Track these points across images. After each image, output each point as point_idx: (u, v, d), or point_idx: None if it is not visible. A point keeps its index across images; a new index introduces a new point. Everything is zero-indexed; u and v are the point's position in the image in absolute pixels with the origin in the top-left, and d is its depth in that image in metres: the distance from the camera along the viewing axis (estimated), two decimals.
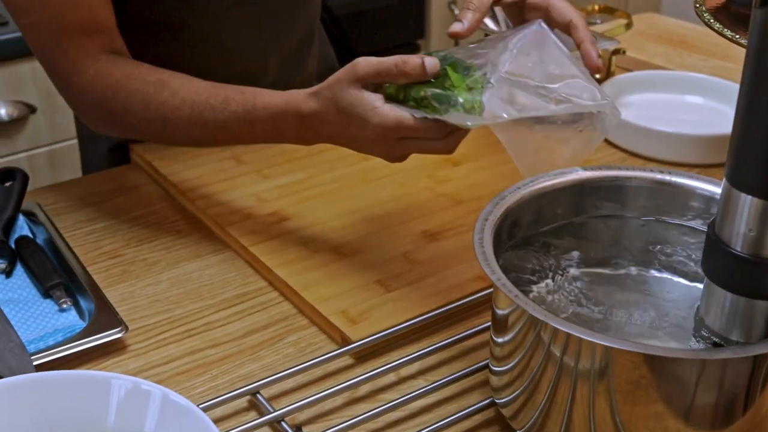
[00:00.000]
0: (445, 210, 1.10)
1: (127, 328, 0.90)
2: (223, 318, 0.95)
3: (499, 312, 0.75)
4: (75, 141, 1.96)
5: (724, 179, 0.67)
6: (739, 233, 0.66)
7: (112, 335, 0.89)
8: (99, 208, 1.14)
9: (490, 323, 0.79)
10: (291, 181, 1.16)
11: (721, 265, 0.68)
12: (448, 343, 0.88)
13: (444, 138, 0.88)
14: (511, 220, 0.80)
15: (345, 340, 0.89)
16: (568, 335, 0.67)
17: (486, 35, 1.04)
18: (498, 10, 1.40)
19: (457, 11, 2.53)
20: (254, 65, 1.27)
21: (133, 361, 0.89)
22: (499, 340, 0.75)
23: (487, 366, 0.83)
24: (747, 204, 0.65)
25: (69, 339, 0.88)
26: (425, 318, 0.91)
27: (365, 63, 0.87)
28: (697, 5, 1.00)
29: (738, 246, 0.67)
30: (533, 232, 0.83)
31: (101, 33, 1.05)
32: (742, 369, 0.66)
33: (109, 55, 1.05)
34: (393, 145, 0.89)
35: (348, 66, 0.87)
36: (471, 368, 0.85)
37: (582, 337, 0.66)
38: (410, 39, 2.46)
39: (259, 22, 1.24)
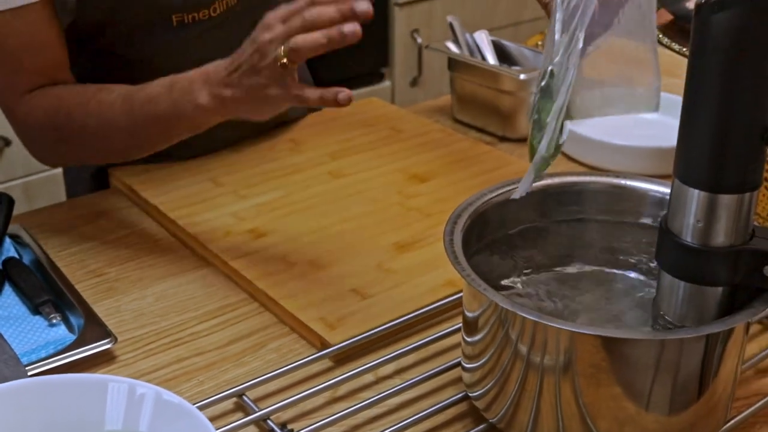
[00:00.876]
0: (416, 223, 1.15)
1: (116, 339, 0.95)
2: (207, 328, 0.99)
3: (469, 309, 0.80)
4: (50, 173, 2.01)
5: (673, 177, 0.73)
6: (689, 225, 0.72)
7: (102, 345, 0.93)
8: (83, 230, 1.18)
9: (461, 325, 0.84)
10: (267, 200, 1.21)
11: (673, 256, 0.74)
12: (422, 344, 0.93)
13: None
14: (479, 224, 0.86)
15: (324, 345, 0.94)
16: (535, 323, 0.73)
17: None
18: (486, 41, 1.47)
19: (419, 40, 2.61)
20: None
21: (123, 371, 0.93)
22: (470, 337, 0.81)
23: (459, 364, 0.88)
24: (694, 197, 0.71)
25: (60, 351, 0.93)
26: (400, 322, 0.96)
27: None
28: None
29: (687, 237, 0.72)
30: (500, 236, 0.88)
31: (53, 70, 1.14)
32: (695, 349, 0.71)
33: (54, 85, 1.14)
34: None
35: None
36: (444, 366, 0.90)
37: (547, 324, 0.71)
38: (374, 68, 2.53)
39: (224, 50, 1.28)
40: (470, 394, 0.84)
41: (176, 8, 1.19)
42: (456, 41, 1.50)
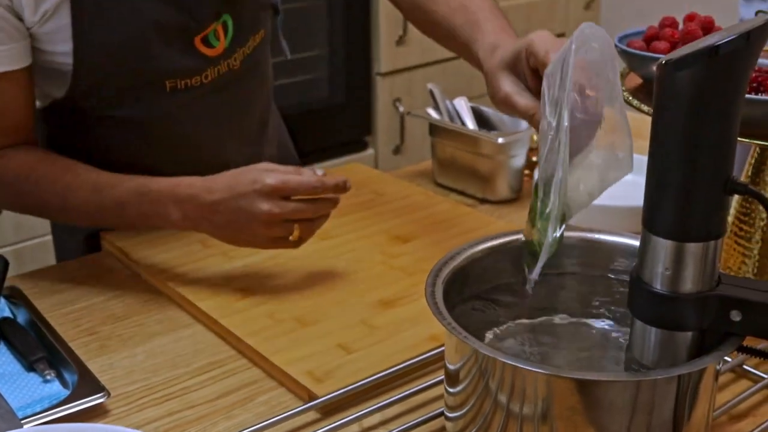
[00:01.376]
0: (399, 281, 1.19)
1: (109, 394, 0.97)
2: (198, 383, 1.02)
3: (451, 360, 0.83)
4: (40, 239, 2.04)
5: (642, 227, 0.77)
6: (658, 273, 0.76)
7: (96, 400, 0.96)
8: (75, 291, 1.21)
9: (443, 377, 0.87)
10: (254, 261, 1.24)
11: (644, 303, 0.78)
12: (406, 395, 0.96)
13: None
14: (460, 278, 0.89)
15: (311, 397, 0.97)
16: (514, 368, 0.76)
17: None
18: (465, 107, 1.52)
19: (401, 108, 2.67)
20: (212, 154, 1.35)
21: (117, 424, 0.96)
22: (452, 388, 0.84)
23: (442, 414, 0.91)
24: (663, 247, 0.75)
25: (54, 405, 0.95)
26: (385, 375, 0.99)
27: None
28: None
29: (657, 285, 0.76)
30: (480, 289, 0.92)
31: (21, 132, 1.20)
32: (667, 390, 0.75)
33: (24, 145, 1.20)
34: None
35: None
36: (428, 416, 0.93)
37: (525, 368, 0.75)
38: (357, 137, 2.58)
39: (215, 114, 1.33)
40: None
41: (169, 74, 1.24)
42: (436, 108, 1.55)
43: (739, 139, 0.74)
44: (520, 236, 0.94)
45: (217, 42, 1.26)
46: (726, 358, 1.00)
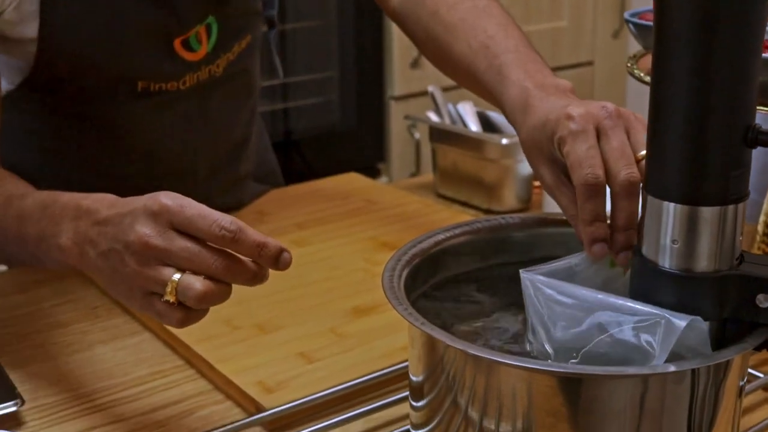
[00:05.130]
0: (379, 288, 1.03)
1: (22, 402, 0.83)
2: (132, 395, 0.88)
3: (414, 369, 0.68)
4: None
5: (644, 192, 0.62)
6: (665, 247, 0.61)
7: (6, 408, 0.82)
8: (23, 296, 1.09)
9: None
10: None
11: (648, 284, 0.62)
12: (369, 410, 0.81)
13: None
14: (426, 265, 0.75)
15: (259, 410, 0.82)
16: (489, 363, 0.61)
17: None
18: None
19: (417, 135, 2.54)
20: (182, 166, 1.22)
21: None
22: (416, 402, 0.69)
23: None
24: (670, 213, 0.60)
25: None
26: (346, 387, 0.84)
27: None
28: (629, 65, 0.97)
29: (664, 262, 0.61)
30: (445, 277, 0.77)
31: None
32: (679, 390, 0.59)
33: None
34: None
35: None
36: None
37: (495, 360, 0.60)
38: (371, 162, 2.45)
39: (189, 123, 1.20)
40: None
41: (143, 76, 1.11)
42: (438, 111, 1.41)
43: (758, 108, 0.60)
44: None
45: (199, 46, 1.14)
46: (756, 373, 0.84)
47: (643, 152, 0.65)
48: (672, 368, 0.58)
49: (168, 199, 0.72)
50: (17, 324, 1.02)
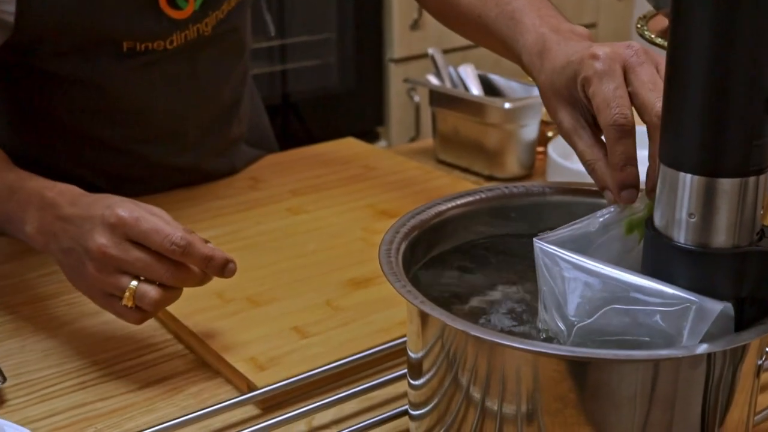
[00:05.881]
0: (377, 259, 1.00)
1: (4, 379, 0.80)
2: (119, 371, 0.84)
3: (413, 346, 0.65)
4: None
5: (658, 163, 0.58)
6: (681, 221, 0.57)
7: None
8: (6, 267, 1.05)
9: None
10: (212, 235, 1.06)
11: (662, 261, 0.59)
12: (366, 388, 0.78)
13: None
14: (426, 237, 0.71)
15: (251, 389, 0.78)
16: (492, 345, 0.57)
17: None
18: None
19: (417, 98, 2.49)
20: (171, 128, 1.19)
21: (9, 417, 0.78)
22: (415, 380, 0.65)
23: (406, 412, 0.72)
24: (686, 184, 0.56)
25: None
26: (342, 363, 0.80)
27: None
28: (639, 26, 0.93)
29: (680, 237, 0.57)
30: (446, 249, 0.74)
31: None
32: (694, 375, 0.55)
33: None
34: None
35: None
36: (389, 414, 0.74)
37: (497, 342, 0.56)
38: (370, 127, 2.40)
39: (177, 83, 1.15)
40: None
41: (128, 36, 1.07)
42: (438, 74, 1.36)
43: None
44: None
45: (186, 4, 1.09)
46: None
47: None
48: (686, 352, 0.54)
49: (125, 211, 0.79)
50: (5, 295, 0.98)
